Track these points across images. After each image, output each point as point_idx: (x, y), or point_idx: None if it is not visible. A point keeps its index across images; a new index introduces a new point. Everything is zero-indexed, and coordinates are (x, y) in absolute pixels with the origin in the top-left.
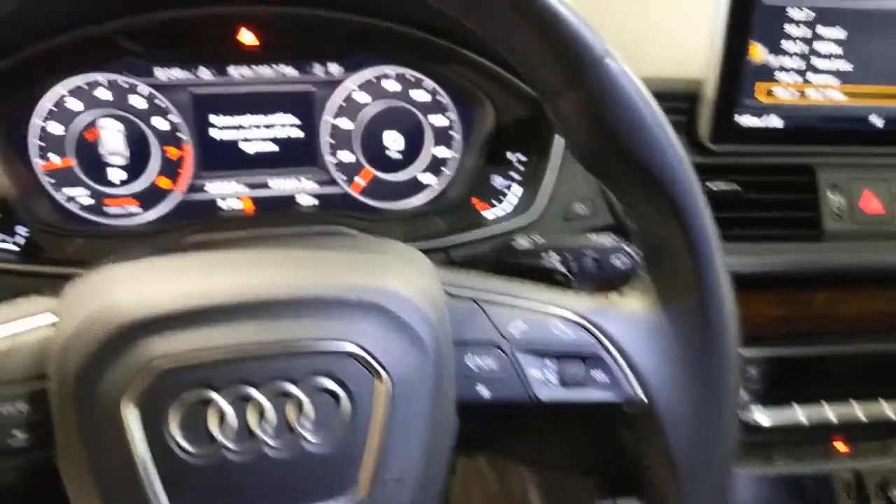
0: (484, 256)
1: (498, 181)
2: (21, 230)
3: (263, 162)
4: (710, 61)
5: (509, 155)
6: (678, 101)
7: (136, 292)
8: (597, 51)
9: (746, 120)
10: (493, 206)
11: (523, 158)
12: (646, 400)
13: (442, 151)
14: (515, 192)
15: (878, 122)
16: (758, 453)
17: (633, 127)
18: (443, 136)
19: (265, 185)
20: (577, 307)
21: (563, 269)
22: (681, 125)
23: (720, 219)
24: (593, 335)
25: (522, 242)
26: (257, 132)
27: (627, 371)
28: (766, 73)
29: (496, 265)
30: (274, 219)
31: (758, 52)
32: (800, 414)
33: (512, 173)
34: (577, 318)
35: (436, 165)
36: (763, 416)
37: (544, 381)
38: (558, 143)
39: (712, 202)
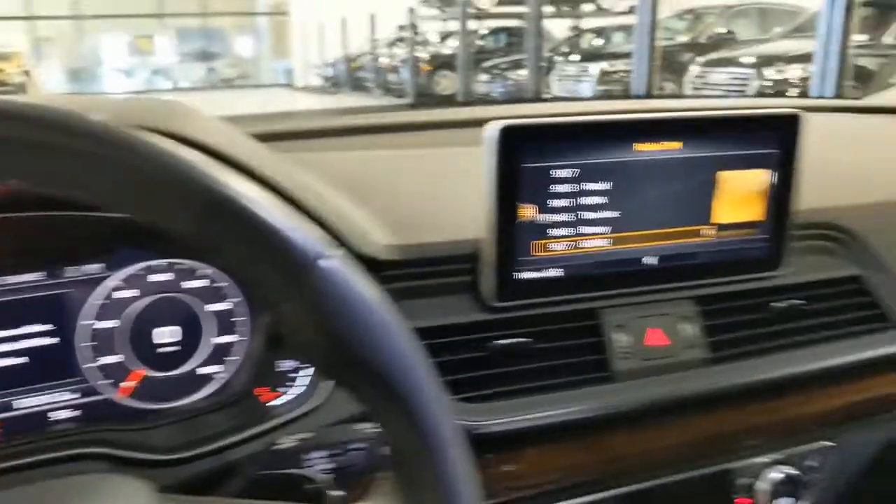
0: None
1: (285, 364)
2: None
3: (11, 380)
4: (487, 225)
5: None
6: (463, 262)
7: None
8: (308, 253)
9: (527, 275)
10: (281, 393)
11: None
12: None
13: (224, 339)
14: (305, 375)
15: (651, 261)
16: None
17: (358, 331)
18: (224, 323)
19: (9, 407)
20: None
21: (317, 476)
22: (467, 285)
23: (512, 374)
24: None
25: (286, 442)
26: (2, 347)
27: None
28: (540, 231)
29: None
30: (25, 443)
31: (529, 212)
32: None
33: None
34: None
35: (218, 355)
36: None
37: None
38: None
39: (502, 359)
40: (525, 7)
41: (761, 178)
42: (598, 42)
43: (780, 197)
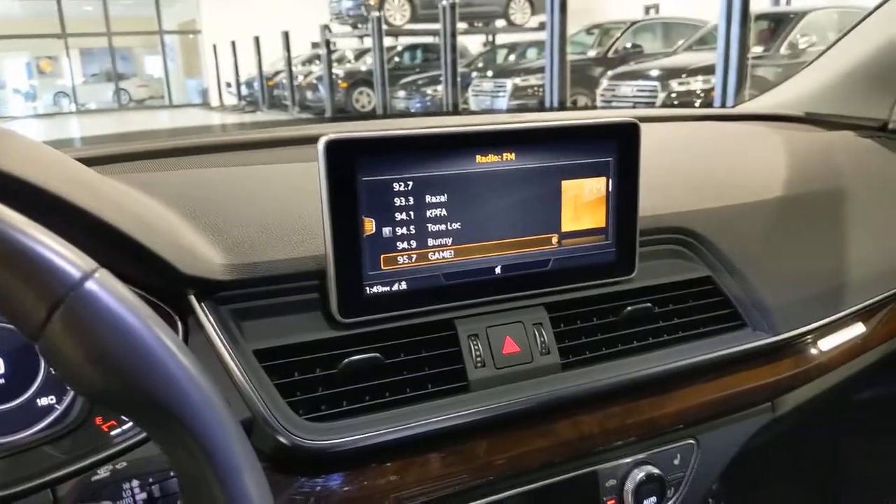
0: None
1: None
2: None
3: None
4: (326, 239)
5: None
6: (311, 279)
7: None
8: (70, 274)
9: (377, 289)
10: (122, 422)
11: None
12: None
13: None
14: None
15: (501, 270)
16: None
17: (131, 357)
18: None
19: None
20: None
21: None
22: (315, 302)
23: (368, 389)
24: None
25: (102, 474)
26: None
27: None
28: (389, 244)
29: None
30: None
31: (375, 226)
32: None
33: None
34: None
35: (58, 384)
36: None
37: None
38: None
39: (357, 375)
40: (438, 23)
41: (603, 186)
42: (512, 57)
43: (622, 203)
